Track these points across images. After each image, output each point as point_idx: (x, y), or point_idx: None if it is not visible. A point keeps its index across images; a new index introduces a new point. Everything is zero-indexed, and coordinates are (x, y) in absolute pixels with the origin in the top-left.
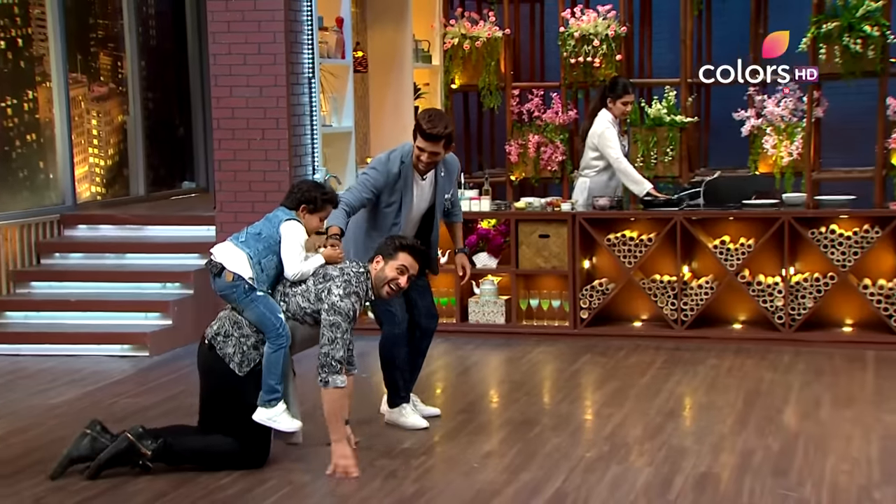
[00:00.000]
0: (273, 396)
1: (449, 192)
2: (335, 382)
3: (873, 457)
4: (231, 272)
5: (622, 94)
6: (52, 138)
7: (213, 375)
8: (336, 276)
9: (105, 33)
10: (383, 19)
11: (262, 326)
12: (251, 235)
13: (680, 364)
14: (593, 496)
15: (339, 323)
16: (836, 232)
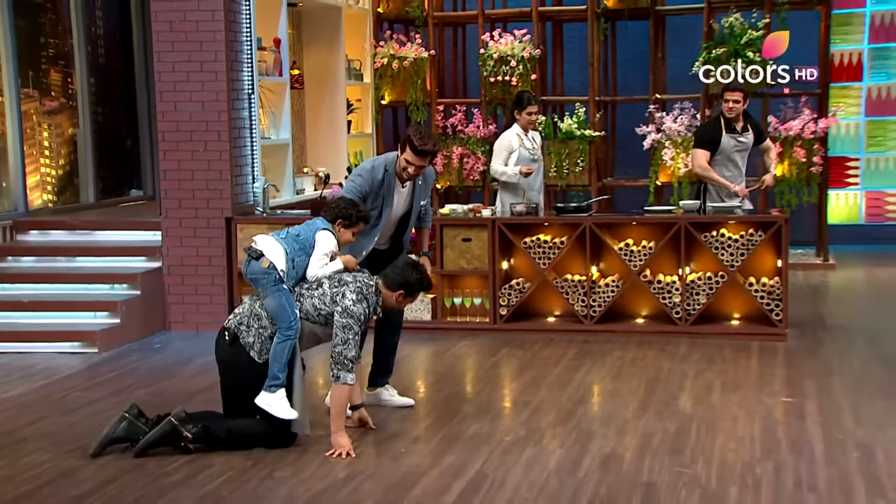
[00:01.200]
0: (275, 383)
1: (425, 199)
2: (345, 379)
3: (756, 436)
4: (269, 260)
5: (526, 105)
6: (5, 149)
7: (235, 365)
8: (350, 283)
9: (56, 51)
10: (318, 40)
11: (278, 316)
12: (291, 236)
13: (589, 355)
14: (510, 476)
15: (351, 325)
16: (725, 235)
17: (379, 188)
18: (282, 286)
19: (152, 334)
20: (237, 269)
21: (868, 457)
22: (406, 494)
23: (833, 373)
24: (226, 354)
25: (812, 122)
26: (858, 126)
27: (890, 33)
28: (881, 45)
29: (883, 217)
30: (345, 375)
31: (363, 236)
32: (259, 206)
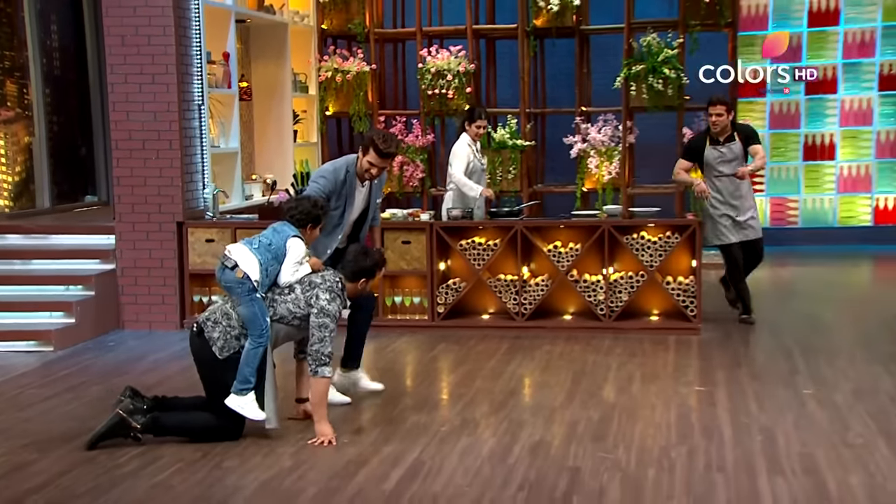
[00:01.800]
0: (245, 386)
1: (380, 198)
2: (323, 373)
3: (672, 422)
4: (243, 271)
5: (476, 119)
6: None
7: (202, 358)
8: (320, 284)
9: (11, 63)
10: (265, 54)
11: (250, 324)
12: (263, 245)
13: (520, 350)
14: (446, 464)
15: (327, 323)
16: (645, 238)
17: (342, 188)
18: (255, 295)
19: (106, 333)
20: (188, 270)
21: (770, 439)
22: (348, 482)
23: (741, 363)
24: (195, 346)
25: None
26: (763, 138)
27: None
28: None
29: (785, 221)
30: (323, 370)
31: (327, 236)
32: (209, 210)
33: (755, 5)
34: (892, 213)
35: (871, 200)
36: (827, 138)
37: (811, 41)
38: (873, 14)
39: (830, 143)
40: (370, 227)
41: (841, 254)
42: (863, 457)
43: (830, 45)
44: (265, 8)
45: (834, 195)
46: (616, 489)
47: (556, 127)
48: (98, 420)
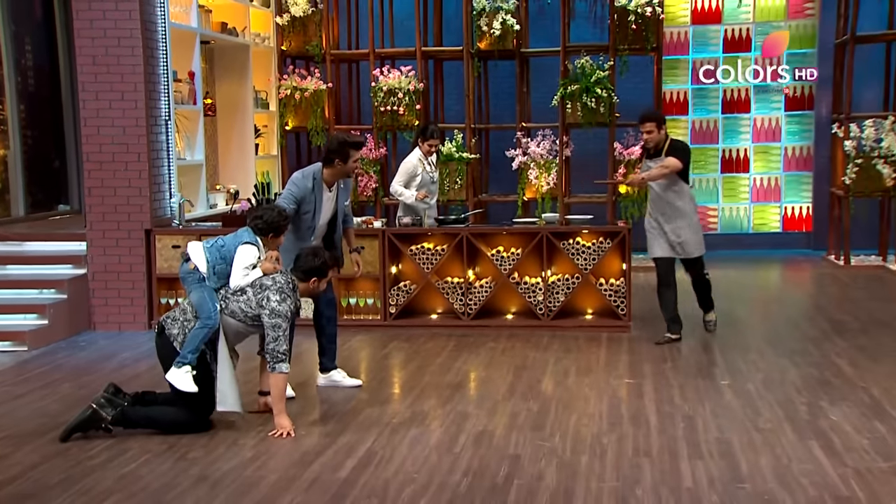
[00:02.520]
0: (183, 361)
1: (347, 200)
2: (280, 369)
3: (604, 412)
4: (193, 263)
5: (429, 137)
6: None
7: (164, 355)
8: (270, 286)
9: None
10: (229, 73)
11: (200, 308)
12: (216, 246)
13: (466, 347)
14: (396, 453)
15: (279, 323)
16: (580, 243)
17: (310, 194)
18: (205, 283)
19: (78, 333)
20: (156, 274)
21: (691, 426)
22: (305, 470)
23: (666, 358)
24: (158, 345)
25: None
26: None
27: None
28: (702, 85)
29: (706, 227)
30: (280, 366)
31: (300, 239)
32: (175, 219)
33: (677, 33)
34: (798, 220)
35: (781, 209)
36: (742, 152)
37: (727, 65)
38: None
39: (745, 157)
40: (344, 227)
41: (754, 257)
42: (771, 440)
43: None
44: (228, 30)
45: (748, 204)
46: (553, 474)
47: (499, 141)
48: (70, 415)
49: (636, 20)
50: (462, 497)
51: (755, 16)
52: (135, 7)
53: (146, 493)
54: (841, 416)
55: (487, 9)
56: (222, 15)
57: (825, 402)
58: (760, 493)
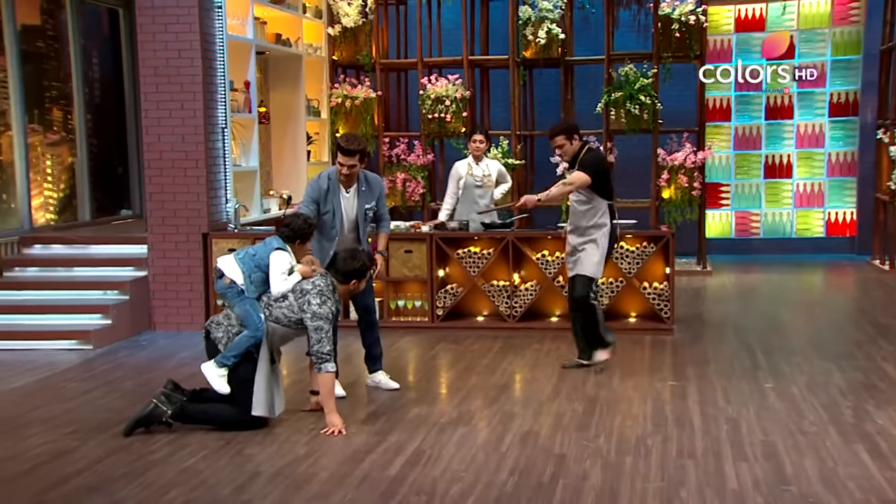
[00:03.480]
0: (222, 361)
1: (370, 203)
2: (326, 369)
3: (648, 413)
4: (229, 278)
5: (471, 135)
6: (14, 176)
7: (210, 356)
8: (310, 290)
9: (58, 93)
10: (282, 82)
11: (245, 320)
12: (248, 255)
13: (512, 349)
14: (444, 452)
15: (321, 325)
16: (624, 247)
17: (326, 194)
18: (245, 296)
19: (139, 333)
20: (212, 277)
21: (735, 429)
22: (356, 467)
23: (709, 360)
24: (207, 348)
25: (692, 154)
26: (729, 158)
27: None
28: (745, 92)
29: (749, 232)
30: (325, 366)
31: (327, 240)
32: (231, 223)
33: (720, 40)
34: (842, 225)
35: (824, 214)
36: (785, 158)
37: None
38: (823, 49)
39: (788, 163)
40: (378, 231)
41: (797, 262)
42: (816, 443)
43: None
44: (282, 41)
45: (791, 209)
46: (598, 474)
47: (544, 147)
48: (132, 411)
49: (680, 28)
50: (508, 496)
51: (799, 23)
52: (195, 20)
53: (205, 487)
54: (887, 419)
55: (533, 18)
56: (277, 26)
57: (871, 406)
58: (806, 496)
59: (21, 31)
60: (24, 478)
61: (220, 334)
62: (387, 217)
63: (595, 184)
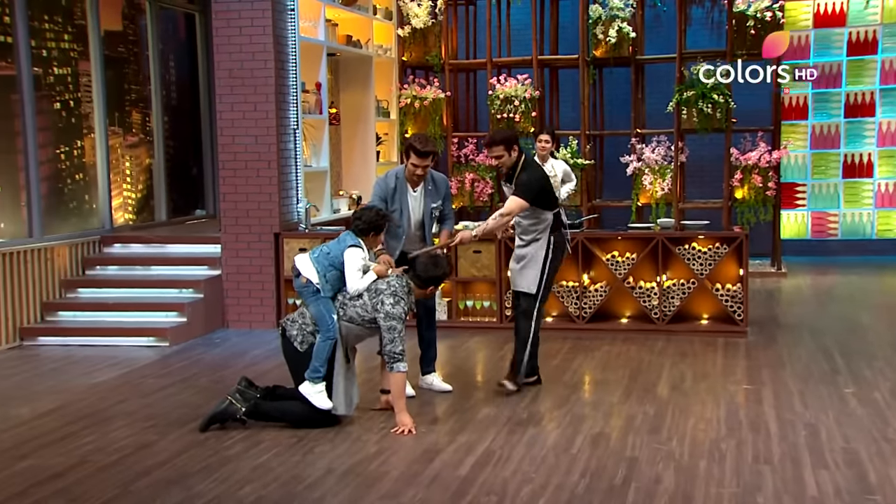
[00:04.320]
0: (316, 375)
1: (436, 202)
2: (398, 368)
3: (721, 417)
4: (305, 277)
5: (538, 135)
6: (95, 177)
7: (286, 352)
8: (385, 290)
9: (137, 96)
10: (352, 84)
11: (318, 321)
12: (322, 254)
13: (581, 350)
14: (514, 453)
15: (394, 325)
16: (696, 248)
17: (393, 193)
18: (320, 296)
19: (213, 331)
20: (284, 276)
21: (813, 435)
22: (426, 467)
23: (785, 364)
24: (282, 345)
25: (767, 154)
26: (805, 157)
27: (829, 80)
28: (823, 90)
29: (825, 233)
30: (397, 365)
31: (393, 238)
32: (302, 223)
33: (797, 36)
34: None
35: None
36: (865, 157)
37: (850, 68)
38: None
39: (868, 162)
40: (442, 228)
41: (878, 263)
42: None
43: (869, 72)
44: (353, 43)
45: (872, 209)
46: (671, 477)
47: (613, 147)
48: (208, 407)
49: (755, 25)
50: (580, 498)
51: (883, 16)
52: (268, 23)
53: (278, 483)
54: None
55: (604, 17)
56: (347, 28)
57: None
58: None
59: (104, 36)
60: (110, 468)
61: (295, 332)
62: (451, 216)
63: (535, 202)
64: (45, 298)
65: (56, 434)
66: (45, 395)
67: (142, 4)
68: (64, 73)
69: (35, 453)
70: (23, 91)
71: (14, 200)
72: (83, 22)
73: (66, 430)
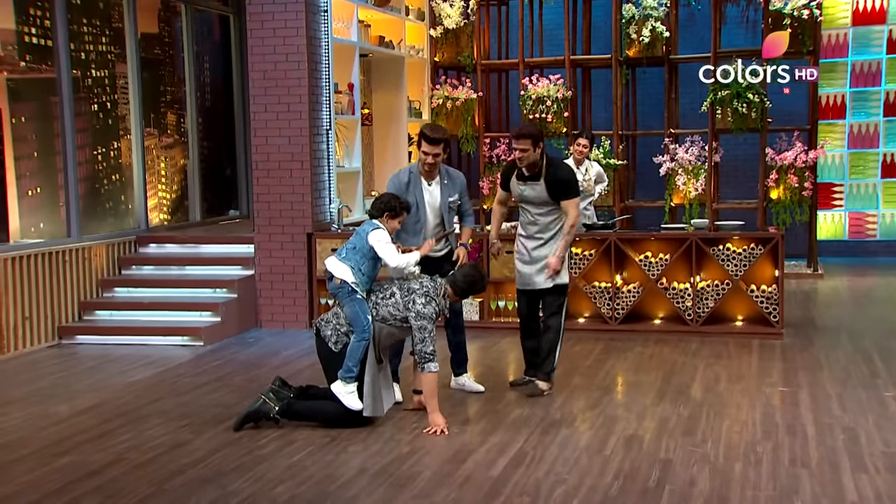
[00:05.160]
0: (348, 375)
1: (452, 196)
2: (429, 368)
3: (757, 419)
4: (339, 278)
5: (577, 138)
6: (131, 177)
7: (322, 354)
8: (417, 290)
9: (172, 97)
10: (385, 84)
11: (353, 321)
12: (349, 250)
13: (614, 351)
14: (547, 454)
15: (425, 325)
16: (730, 249)
17: (407, 187)
18: (355, 296)
19: (247, 330)
20: (316, 276)
21: (852, 439)
22: (459, 467)
23: (822, 366)
24: (317, 344)
25: (803, 153)
26: (843, 157)
27: (868, 79)
28: (861, 88)
29: (863, 234)
30: (428, 365)
31: (410, 236)
32: (335, 223)
33: (836, 34)
34: None
35: None
36: None
37: (890, 66)
38: None
39: None
40: (463, 226)
41: None
42: None
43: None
44: (385, 43)
45: None
46: (706, 480)
47: (647, 147)
48: (242, 406)
49: (792, 23)
50: (613, 500)
51: None
52: (301, 24)
53: (311, 482)
54: None
55: (637, 17)
56: (380, 29)
57: None
58: None
59: (140, 39)
60: (146, 466)
61: (329, 332)
62: (470, 212)
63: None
64: (83, 298)
65: (93, 432)
66: (82, 393)
67: (177, 7)
68: (101, 75)
69: (73, 450)
70: (62, 93)
71: (53, 201)
72: (120, 25)
73: (103, 428)
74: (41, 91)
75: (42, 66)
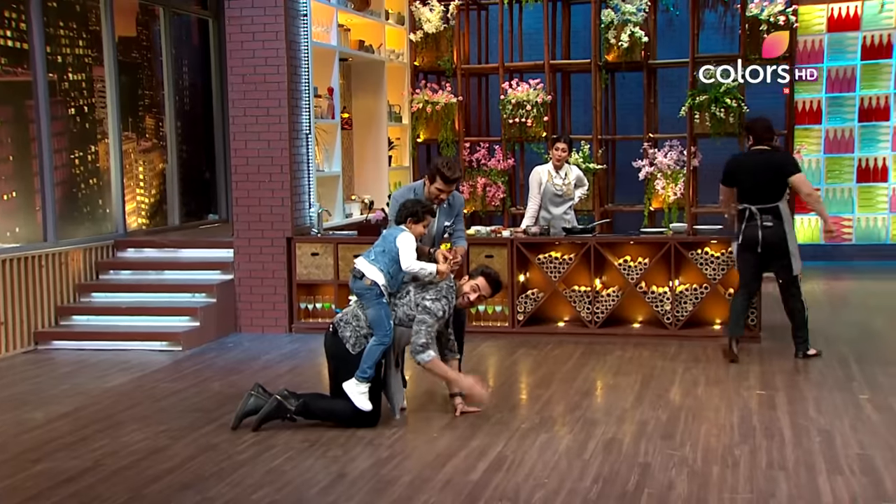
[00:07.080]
0: (363, 376)
1: (450, 220)
2: (423, 360)
3: (734, 423)
4: (370, 279)
5: (556, 142)
6: (109, 182)
7: (335, 353)
8: (431, 288)
9: (150, 101)
10: (364, 89)
11: (376, 325)
12: (378, 253)
13: (593, 355)
14: (526, 458)
15: (425, 319)
16: (708, 253)
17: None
18: (382, 300)
19: (226, 335)
20: (296, 280)
21: (828, 441)
22: (439, 472)
23: (799, 370)
24: (329, 344)
25: None
26: (819, 161)
27: (843, 84)
28: (837, 94)
29: (839, 238)
30: (422, 357)
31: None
32: (314, 227)
33: (811, 41)
34: None
35: None
36: (880, 161)
37: (864, 72)
38: None
39: (883, 166)
40: (455, 248)
41: (892, 269)
42: None
43: (883, 76)
44: (365, 48)
45: (887, 214)
46: (684, 483)
47: (626, 152)
48: (220, 412)
49: (768, 29)
50: (593, 503)
51: None
52: (281, 28)
53: (290, 487)
54: None
55: (616, 22)
56: (360, 33)
57: None
58: None
59: (118, 42)
60: (123, 472)
61: (348, 334)
62: (463, 234)
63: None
64: (60, 303)
65: (70, 438)
66: (59, 398)
67: (155, 10)
68: (78, 78)
69: (49, 457)
70: (38, 97)
71: (29, 205)
72: (97, 28)
73: (80, 434)
74: (17, 94)
75: (18, 70)
